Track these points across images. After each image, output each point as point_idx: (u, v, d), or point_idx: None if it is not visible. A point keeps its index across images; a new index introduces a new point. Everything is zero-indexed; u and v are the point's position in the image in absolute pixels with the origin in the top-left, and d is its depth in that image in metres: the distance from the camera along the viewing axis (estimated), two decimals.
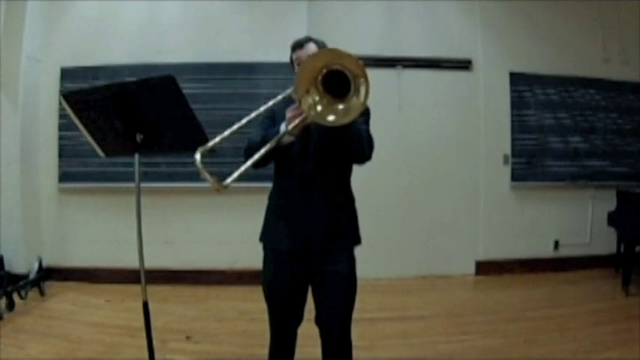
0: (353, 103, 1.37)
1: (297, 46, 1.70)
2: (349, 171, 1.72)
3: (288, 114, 1.52)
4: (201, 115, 1.59)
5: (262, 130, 1.63)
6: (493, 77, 4.29)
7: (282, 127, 1.54)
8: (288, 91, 1.57)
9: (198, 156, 1.34)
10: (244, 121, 1.51)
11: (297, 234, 1.62)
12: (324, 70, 1.37)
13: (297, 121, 1.48)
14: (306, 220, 1.62)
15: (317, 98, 1.41)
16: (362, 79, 1.33)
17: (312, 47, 1.68)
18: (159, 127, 1.60)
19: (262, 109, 1.57)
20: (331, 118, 1.40)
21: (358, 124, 1.51)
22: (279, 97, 1.59)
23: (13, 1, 3.68)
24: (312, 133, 1.60)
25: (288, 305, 1.68)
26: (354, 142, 1.52)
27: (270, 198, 1.76)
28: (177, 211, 3.90)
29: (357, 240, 1.72)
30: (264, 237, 1.74)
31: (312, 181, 1.62)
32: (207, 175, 1.29)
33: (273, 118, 1.65)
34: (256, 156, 1.44)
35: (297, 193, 1.63)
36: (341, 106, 1.39)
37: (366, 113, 1.66)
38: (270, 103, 1.58)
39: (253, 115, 1.54)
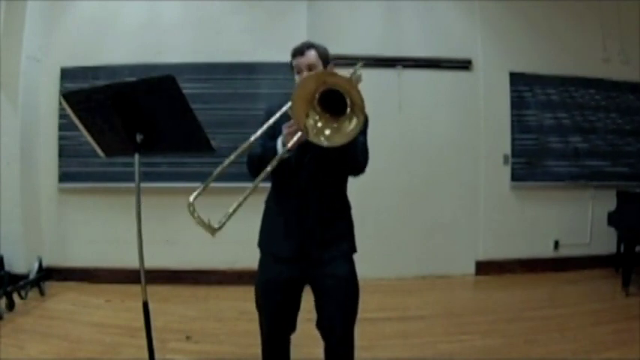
0: (344, 127, 1.37)
1: (298, 53, 1.66)
2: (345, 180, 1.72)
3: (285, 130, 1.50)
4: (201, 115, 1.59)
5: (262, 140, 1.60)
6: (493, 77, 4.29)
7: (279, 143, 1.53)
8: (285, 108, 1.56)
9: (191, 199, 1.35)
10: (237, 151, 1.50)
11: (292, 240, 1.62)
12: (321, 90, 1.38)
13: (294, 139, 1.46)
14: (301, 228, 1.61)
15: (317, 117, 1.42)
16: (358, 108, 1.33)
17: (312, 55, 1.65)
18: (159, 127, 1.60)
19: (259, 133, 1.55)
20: (327, 132, 1.41)
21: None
22: (277, 115, 1.58)
23: (13, 1, 3.68)
24: (309, 143, 1.57)
25: (280, 310, 1.66)
26: (349, 154, 1.50)
27: (267, 202, 1.75)
28: (177, 211, 3.87)
29: (352, 249, 1.71)
30: (261, 242, 1.74)
31: (308, 190, 1.62)
32: (200, 221, 1.31)
33: (274, 125, 1.61)
34: (257, 180, 1.44)
35: (293, 200, 1.63)
36: (335, 125, 1.40)
37: (363, 123, 1.66)
38: (272, 120, 1.58)
39: (252, 139, 1.53)
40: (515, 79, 4.30)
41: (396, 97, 4.19)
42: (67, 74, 3.92)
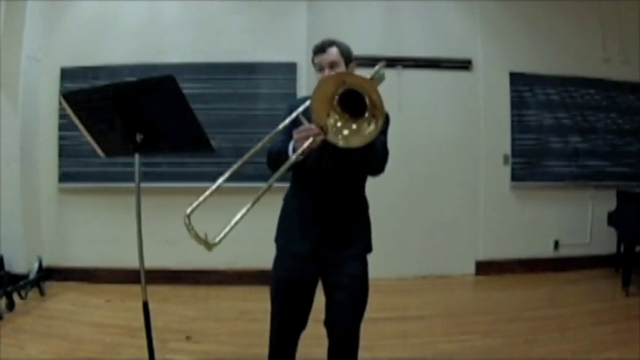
0: (363, 129, 1.37)
1: (319, 50, 1.65)
2: (364, 179, 1.72)
3: (296, 135, 1.48)
4: (201, 115, 1.59)
5: (282, 135, 1.59)
6: (493, 77, 4.29)
7: (290, 148, 1.51)
8: (304, 105, 1.54)
9: (188, 211, 1.32)
10: (254, 149, 1.50)
11: (309, 238, 1.62)
12: (340, 90, 1.37)
13: (305, 144, 1.44)
14: (318, 227, 1.62)
15: (337, 117, 1.42)
16: (378, 110, 1.32)
17: (333, 52, 1.64)
18: (159, 127, 1.60)
19: (280, 126, 1.55)
20: (345, 132, 1.41)
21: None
22: (299, 111, 1.55)
23: (13, 1, 3.68)
24: (328, 142, 1.53)
25: (293, 307, 1.67)
26: (368, 154, 1.49)
27: (286, 199, 1.75)
28: (177, 211, 3.85)
29: (368, 248, 1.72)
30: (278, 238, 1.74)
31: (327, 189, 1.62)
32: (196, 236, 1.26)
33: (295, 121, 1.57)
34: (261, 192, 1.41)
35: (311, 199, 1.63)
36: (354, 127, 1.40)
37: (384, 122, 1.64)
38: (287, 121, 1.57)
39: (267, 138, 1.53)
40: (515, 79, 4.30)
41: (396, 97, 4.19)
42: (67, 74, 3.92)
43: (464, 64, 4.28)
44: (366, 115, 1.37)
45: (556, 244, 4.42)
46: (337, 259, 1.62)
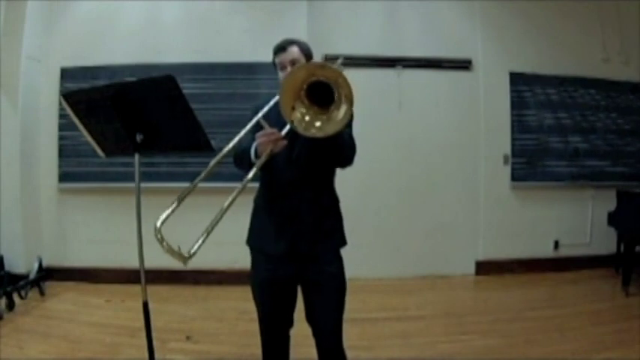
0: (334, 116, 1.37)
1: (280, 49, 1.67)
2: (333, 174, 1.72)
3: (258, 139, 1.49)
4: (201, 115, 1.59)
5: (251, 135, 1.59)
6: (493, 77, 4.29)
7: (252, 153, 1.53)
8: (272, 102, 1.57)
9: (159, 223, 1.36)
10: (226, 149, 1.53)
11: (283, 237, 1.61)
12: (308, 81, 1.38)
13: (268, 149, 1.46)
14: (292, 225, 1.61)
15: (304, 110, 1.41)
16: (347, 99, 1.32)
17: (294, 51, 1.65)
18: (159, 127, 1.60)
19: (242, 133, 1.57)
20: (318, 124, 1.41)
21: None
22: (265, 109, 1.58)
23: (13, 1, 3.68)
24: (296, 139, 1.54)
25: (278, 307, 1.67)
26: (337, 148, 1.50)
27: (256, 200, 1.75)
28: (177, 211, 3.89)
29: (342, 242, 1.71)
30: (251, 240, 1.74)
31: (297, 186, 1.61)
32: (169, 249, 1.32)
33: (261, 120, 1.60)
34: (230, 199, 1.45)
35: (282, 196, 1.63)
36: (324, 116, 1.40)
37: (351, 112, 1.65)
38: (260, 115, 1.58)
39: (236, 139, 1.56)
40: (515, 79, 4.30)
41: (396, 96, 4.19)
42: (67, 74, 3.92)
43: (464, 64, 4.28)
44: (335, 99, 1.37)
45: (556, 244, 4.42)
46: (314, 255, 1.62)
